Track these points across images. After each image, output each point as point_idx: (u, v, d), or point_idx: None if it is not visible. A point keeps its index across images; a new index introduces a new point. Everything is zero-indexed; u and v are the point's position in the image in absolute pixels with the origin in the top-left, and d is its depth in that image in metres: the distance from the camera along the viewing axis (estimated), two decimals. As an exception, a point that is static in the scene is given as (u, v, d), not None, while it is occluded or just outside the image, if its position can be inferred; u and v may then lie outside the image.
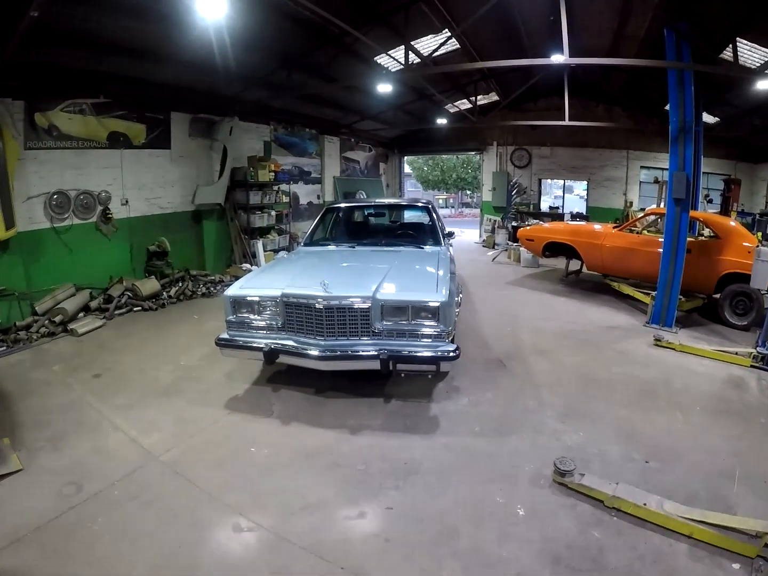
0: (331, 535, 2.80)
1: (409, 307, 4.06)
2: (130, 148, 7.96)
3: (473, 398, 4.54)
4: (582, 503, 3.05)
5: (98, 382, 4.93)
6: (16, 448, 3.62)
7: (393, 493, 3.17)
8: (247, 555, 2.70)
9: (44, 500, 3.08)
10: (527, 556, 2.63)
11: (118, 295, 7.37)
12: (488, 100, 14.08)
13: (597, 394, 4.66)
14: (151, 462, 3.54)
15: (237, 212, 10.10)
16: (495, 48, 9.39)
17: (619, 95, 12.38)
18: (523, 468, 3.44)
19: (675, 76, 5.96)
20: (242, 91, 8.92)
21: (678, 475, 3.36)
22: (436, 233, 6.21)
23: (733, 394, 4.78)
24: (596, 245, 8.32)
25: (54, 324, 6.29)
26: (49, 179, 6.75)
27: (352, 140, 15.23)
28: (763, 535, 2.57)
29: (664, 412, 4.32)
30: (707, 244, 7.08)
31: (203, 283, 8.80)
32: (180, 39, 6.32)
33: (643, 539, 2.75)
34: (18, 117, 6.29)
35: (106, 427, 4.03)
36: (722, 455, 3.63)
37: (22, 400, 4.46)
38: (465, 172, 32.73)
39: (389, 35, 8.14)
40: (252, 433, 3.93)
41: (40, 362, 5.45)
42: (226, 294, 4.46)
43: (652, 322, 6.72)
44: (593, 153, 14.44)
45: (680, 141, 6.10)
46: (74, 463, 3.50)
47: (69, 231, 7.09)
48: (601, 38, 8.25)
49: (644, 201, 13.94)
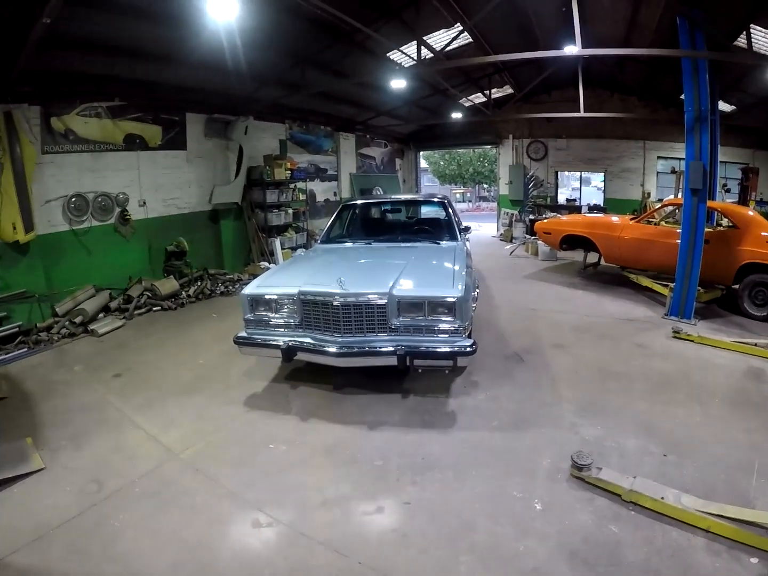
0: (349, 530, 2.82)
1: (425, 302, 4.07)
2: (146, 149, 8.06)
3: (491, 393, 4.53)
4: (599, 497, 3.03)
5: (118, 381, 5.02)
6: (38, 448, 3.70)
7: (410, 488, 3.19)
8: (266, 550, 2.73)
9: (66, 498, 3.15)
10: (544, 551, 2.63)
11: (138, 295, 7.49)
12: (503, 93, 13.98)
13: (615, 388, 4.62)
14: (172, 459, 3.60)
15: (254, 211, 10.18)
16: (508, 41, 9.30)
17: (635, 85, 12.20)
18: (540, 462, 3.43)
19: (689, 64, 5.85)
20: (256, 91, 8.97)
21: (696, 469, 3.31)
22: (453, 228, 6.20)
23: (752, 386, 4.69)
24: (613, 237, 8.23)
25: (74, 325, 6.41)
26: (66, 182, 6.87)
27: (368, 136, 15.22)
28: (781, 529, 2.53)
29: (683, 405, 4.25)
30: (726, 235, 6.96)
31: (222, 281, 8.90)
32: (192, 40, 6.37)
33: (660, 533, 2.72)
34: (34, 122, 6.41)
35: (127, 425, 4.11)
36: (741, 448, 3.56)
37: (44, 401, 4.56)
38: (482, 165, 32.42)
39: (401, 31, 8.12)
40: (271, 430, 3.98)
41: (61, 363, 5.57)
42: (243, 292, 4.51)
43: (670, 314, 6.63)
44: (609, 144, 14.25)
45: (696, 130, 5.98)
46: (95, 462, 3.57)
47: (88, 233, 7.21)
48: (614, 28, 8.14)
49: (662, 192, 13.73)
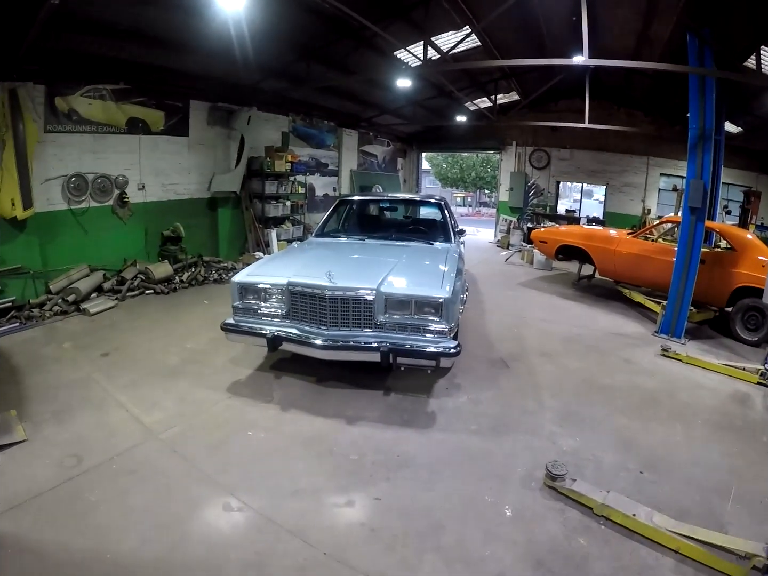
0: (318, 521, 2.84)
1: (412, 301, 4.09)
2: (148, 134, 8.06)
3: (473, 396, 4.55)
4: (571, 509, 3.04)
5: (106, 360, 5.04)
6: (22, 420, 3.74)
7: (383, 484, 3.21)
8: (234, 534, 2.76)
9: (45, 470, 3.18)
10: (510, 557, 2.64)
11: (131, 277, 7.51)
12: (508, 99, 13.96)
13: (598, 401, 4.63)
14: (151, 439, 3.63)
15: (252, 201, 10.19)
16: (516, 46, 9.28)
17: (642, 100, 12.19)
18: (515, 469, 3.45)
19: (696, 82, 5.85)
20: (261, 82, 8.97)
21: (672, 488, 3.32)
22: (447, 230, 6.22)
23: (737, 410, 4.69)
24: (609, 250, 8.23)
25: (67, 303, 6.43)
26: (67, 162, 6.88)
27: (371, 134, 15.22)
28: (752, 557, 2.52)
29: (665, 424, 4.27)
30: (722, 256, 6.97)
31: (216, 269, 8.89)
32: (200, 28, 6.37)
33: (629, 550, 2.72)
34: (39, 101, 6.41)
35: (110, 404, 4.13)
36: (720, 471, 3.56)
37: (32, 375, 4.58)
38: (484, 171, 32.42)
39: (409, 30, 8.11)
40: (251, 417, 4.00)
41: (51, 339, 5.58)
42: (234, 280, 4.53)
43: (661, 332, 6.64)
44: (613, 157, 14.22)
45: (699, 148, 5.98)
46: (77, 437, 3.60)
47: (85, 213, 7.22)
48: (623, 40, 8.13)
49: (662, 209, 13.74)
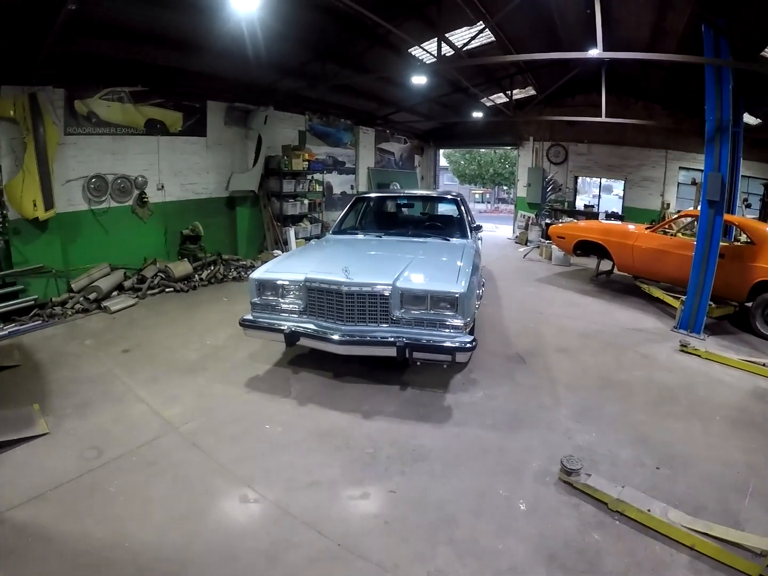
0: (333, 513, 2.88)
1: (428, 296, 4.12)
2: (166, 135, 8.19)
3: (489, 391, 4.55)
4: (586, 504, 3.03)
5: (127, 356, 5.16)
6: (44, 414, 3.85)
7: (398, 477, 3.23)
8: (250, 524, 2.82)
9: (66, 462, 3.27)
10: (522, 551, 2.64)
11: (152, 276, 7.64)
12: (525, 95, 13.82)
13: (615, 396, 4.60)
14: (170, 432, 3.71)
15: (270, 200, 10.27)
16: (530, 41, 9.19)
17: (659, 93, 11.99)
18: (530, 464, 3.45)
19: (712, 73, 5.74)
20: (277, 81, 9.03)
21: (688, 484, 3.28)
22: (464, 226, 6.24)
23: (756, 406, 4.60)
24: (627, 245, 8.14)
25: (88, 301, 6.58)
26: (87, 163, 7.03)
27: (387, 132, 15.20)
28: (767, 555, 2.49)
29: (682, 419, 4.22)
30: (741, 250, 6.84)
31: (234, 267, 9.01)
32: (216, 30, 6.43)
33: (643, 546, 2.70)
34: (58, 104, 6.56)
35: (131, 398, 4.23)
36: (737, 468, 3.51)
37: (54, 371, 4.71)
38: (502, 167, 32.19)
39: (423, 27, 8.08)
40: (269, 412, 4.06)
41: (73, 336, 5.72)
42: (252, 276, 4.61)
43: (680, 328, 6.55)
44: (631, 151, 13.98)
45: (716, 141, 5.87)
46: (97, 430, 3.69)
47: (106, 213, 7.36)
48: (638, 32, 8.01)
49: (682, 203, 13.49)
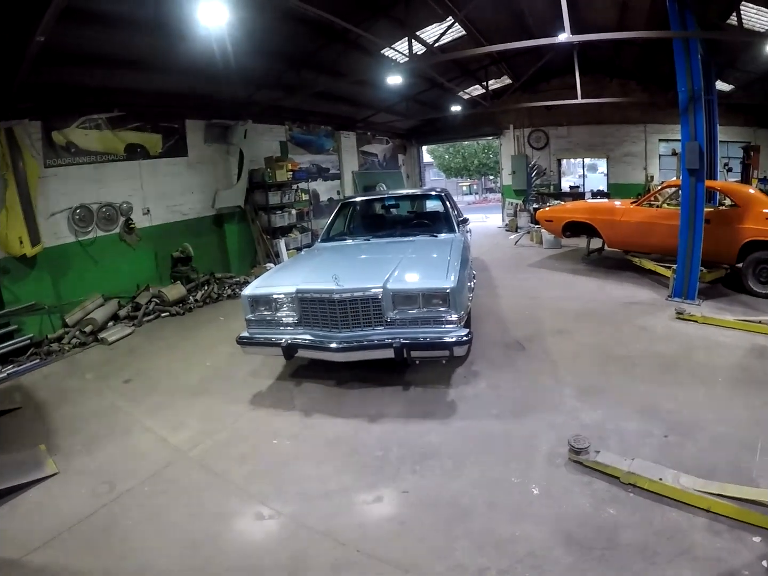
0: (348, 520, 2.89)
1: (419, 294, 4.14)
2: (147, 158, 8.16)
3: (491, 381, 4.57)
4: (598, 481, 3.04)
5: (129, 387, 5.14)
6: (52, 453, 3.83)
7: (409, 477, 3.25)
8: (268, 541, 2.82)
9: (79, 500, 3.26)
10: (539, 535, 2.66)
11: (146, 302, 7.62)
12: (501, 84, 13.95)
13: (616, 371, 4.63)
14: (180, 458, 3.70)
15: (258, 213, 10.26)
16: (500, 31, 9.29)
17: (633, 70, 12.13)
18: (539, 448, 3.47)
19: (680, 45, 5.80)
20: (254, 94, 9.06)
21: (698, 449, 3.31)
22: (450, 221, 6.26)
23: (757, 363, 4.66)
24: (615, 222, 8.20)
25: (84, 334, 6.55)
26: (70, 194, 6.99)
27: (369, 134, 15.25)
28: (786, 506, 2.51)
29: (685, 386, 4.26)
30: (726, 213, 6.92)
31: (228, 285, 8.99)
32: (188, 48, 6.44)
33: (659, 515, 2.72)
34: (36, 137, 6.52)
35: (137, 428, 4.22)
36: (745, 426, 3.54)
37: (57, 409, 4.69)
38: (486, 157, 32.33)
39: (393, 27, 8.15)
40: (275, 426, 4.06)
41: (72, 372, 5.70)
42: (243, 293, 4.62)
43: (674, 296, 6.61)
44: (610, 129, 14.16)
45: (690, 111, 5.95)
46: (107, 464, 3.68)
47: (93, 243, 7.33)
48: (606, 13, 8.11)
49: (665, 174, 13.62)
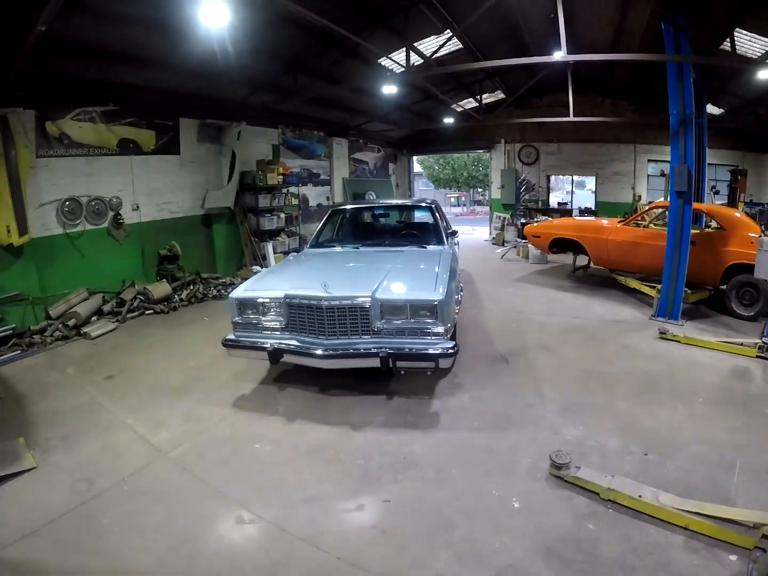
0: (330, 527, 2.88)
1: (407, 305, 4.16)
2: (140, 154, 8.12)
3: (475, 394, 4.60)
4: (578, 496, 3.08)
5: (110, 383, 5.08)
6: (30, 447, 3.76)
7: (391, 486, 3.25)
8: (249, 545, 2.80)
9: (57, 496, 3.21)
10: (520, 548, 2.68)
11: (130, 298, 7.54)
12: (494, 98, 14.09)
13: (599, 389, 4.68)
14: (160, 459, 3.66)
15: (246, 215, 10.24)
16: (497, 46, 9.42)
17: (625, 90, 12.35)
18: (520, 462, 3.49)
19: (674, 69, 5.93)
20: (249, 96, 9.07)
21: (677, 467, 3.37)
22: (439, 233, 6.29)
23: (737, 385, 4.77)
24: (601, 240, 8.32)
25: (67, 328, 6.47)
26: (61, 186, 6.92)
27: (361, 141, 15.32)
28: (760, 527, 2.56)
29: (666, 405, 4.32)
30: (712, 236, 7.06)
31: (214, 285, 8.94)
32: (186, 46, 6.44)
33: (638, 531, 2.76)
34: (29, 126, 6.46)
35: (117, 426, 4.16)
36: (724, 446, 3.61)
37: (37, 402, 4.61)
38: (476, 170, 32.67)
39: (392, 37, 8.21)
40: (257, 431, 4.04)
41: (54, 365, 5.62)
42: (231, 296, 4.59)
43: (658, 316, 6.72)
44: (600, 148, 14.39)
45: (680, 133, 6.08)
46: (86, 461, 3.63)
47: (81, 236, 7.26)
48: (601, 33, 8.26)
49: (652, 194, 13.86)
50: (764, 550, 2.48)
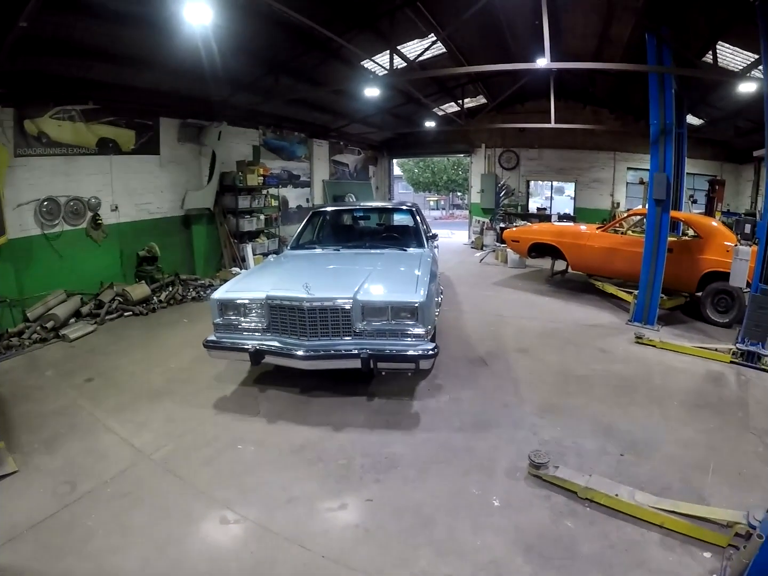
0: (314, 526, 2.91)
1: (388, 307, 4.20)
2: (119, 154, 8.01)
3: (454, 395, 4.66)
4: (556, 495, 3.15)
5: (90, 385, 5.02)
6: (11, 451, 3.69)
7: (373, 486, 3.29)
8: (233, 546, 2.81)
9: (39, 500, 3.17)
10: (500, 545, 2.74)
11: (109, 300, 7.43)
12: (476, 103, 14.19)
13: (576, 391, 4.78)
14: (143, 461, 3.64)
15: (226, 216, 10.17)
16: (481, 52, 9.51)
17: (606, 98, 12.55)
18: (499, 461, 3.56)
19: (656, 79, 6.05)
20: (230, 96, 9.02)
21: (652, 467, 3.47)
22: (420, 235, 6.34)
23: (711, 389, 4.90)
24: (580, 245, 8.47)
25: (46, 330, 6.35)
26: (39, 186, 6.79)
27: (341, 143, 15.31)
28: (734, 525, 2.65)
29: (642, 407, 4.44)
30: (689, 244, 7.23)
31: (193, 287, 8.86)
32: (168, 45, 6.41)
33: (615, 529, 2.84)
34: (7, 124, 6.33)
35: (99, 429, 4.12)
36: (698, 448, 3.73)
37: (16, 405, 4.53)
38: (456, 174, 32.91)
39: (376, 40, 8.25)
40: (239, 432, 4.04)
41: (32, 368, 5.52)
42: (213, 297, 4.57)
43: (634, 321, 6.85)
44: (581, 154, 14.60)
45: (660, 143, 6.22)
46: (68, 464, 3.59)
47: (59, 237, 7.13)
48: (585, 42, 8.39)
49: (631, 202, 14.13)
50: (737, 548, 2.55)
